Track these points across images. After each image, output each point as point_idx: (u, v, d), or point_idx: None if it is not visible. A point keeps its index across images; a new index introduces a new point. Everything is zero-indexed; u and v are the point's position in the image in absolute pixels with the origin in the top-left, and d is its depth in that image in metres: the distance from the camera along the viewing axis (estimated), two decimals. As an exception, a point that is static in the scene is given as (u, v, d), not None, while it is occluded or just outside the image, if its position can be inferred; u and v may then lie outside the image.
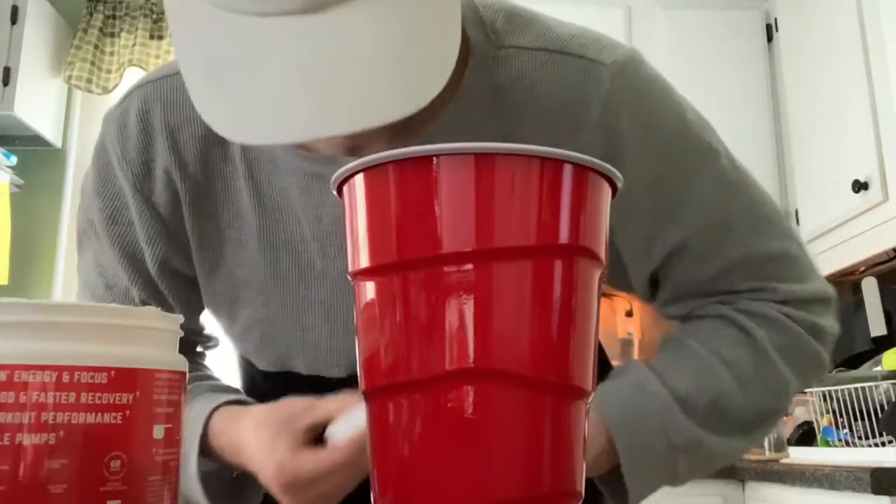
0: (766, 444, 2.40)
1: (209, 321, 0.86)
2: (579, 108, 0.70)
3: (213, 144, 0.75)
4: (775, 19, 2.86)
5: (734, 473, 2.28)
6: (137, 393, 0.44)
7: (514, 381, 0.44)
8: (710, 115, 0.79)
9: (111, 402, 0.43)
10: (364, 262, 0.47)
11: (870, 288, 2.25)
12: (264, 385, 0.82)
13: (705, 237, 0.74)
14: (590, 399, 0.48)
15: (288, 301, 0.77)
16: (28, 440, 0.41)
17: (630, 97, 0.71)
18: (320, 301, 0.76)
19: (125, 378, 0.44)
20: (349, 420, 0.62)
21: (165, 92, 0.75)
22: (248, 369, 0.85)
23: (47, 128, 2.86)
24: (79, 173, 2.98)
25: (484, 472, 0.43)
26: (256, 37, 0.52)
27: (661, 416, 0.70)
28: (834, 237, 2.48)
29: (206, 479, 0.74)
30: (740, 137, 2.79)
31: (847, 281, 2.92)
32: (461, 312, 0.43)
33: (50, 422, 0.42)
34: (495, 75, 0.70)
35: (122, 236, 0.78)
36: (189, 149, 0.75)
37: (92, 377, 0.43)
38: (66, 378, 0.42)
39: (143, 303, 0.81)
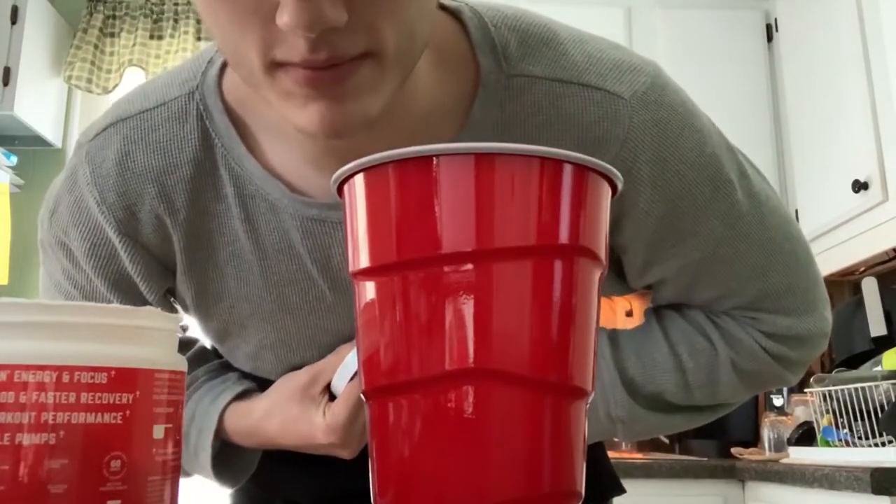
0: (766, 444, 2.40)
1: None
2: (596, 146, 0.67)
3: (205, 186, 0.70)
4: (775, 19, 2.86)
5: (734, 473, 2.28)
6: (137, 393, 0.44)
7: (514, 381, 0.44)
8: (710, 115, 0.78)
9: (111, 402, 0.43)
10: (364, 262, 0.47)
11: (870, 288, 2.25)
12: None
13: (705, 270, 0.73)
14: (590, 399, 0.48)
15: (301, 328, 0.75)
16: (28, 440, 0.41)
17: (650, 133, 0.67)
18: (334, 329, 0.75)
19: (125, 378, 0.44)
20: (343, 370, 0.72)
21: (147, 131, 0.70)
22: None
23: (47, 128, 2.87)
24: (79, 173, 2.98)
25: (484, 472, 0.43)
26: None
27: (605, 390, 0.75)
28: (834, 237, 2.48)
29: (216, 462, 0.79)
30: (740, 137, 2.79)
31: (847, 281, 2.92)
32: (461, 312, 0.43)
33: (50, 422, 0.42)
34: (505, 108, 0.66)
35: (106, 267, 0.74)
36: (179, 192, 0.70)
37: (92, 377, 0.43)
38: (66, 378, 0.42)
39: None
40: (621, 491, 0.93)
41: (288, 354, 0.77)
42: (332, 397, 0.73)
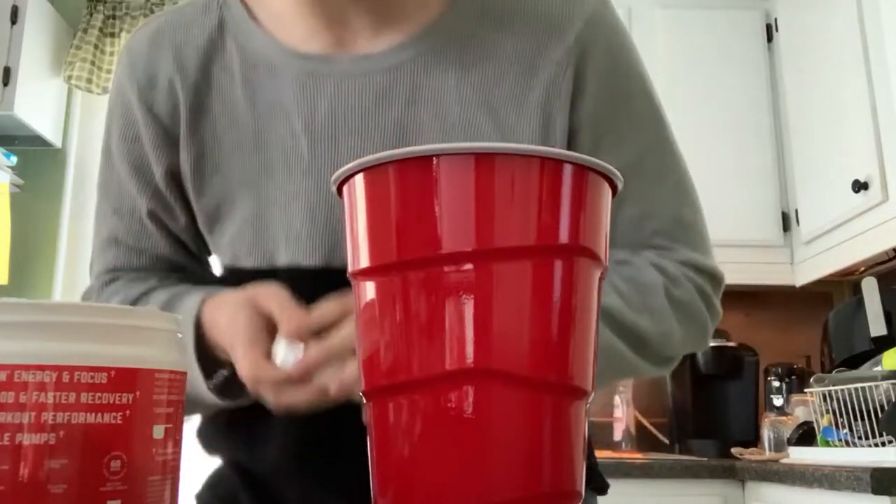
0: (766, 444, 2.40)
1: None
2: (564, 22, 0.79)
3: (214, 58, 0.83)
4: (775, 19, 2.86)
5: (734, 473, 2.28)
6: (137, 393, 0.44)
7: (514, 381, 0.44)
8: (710, 115, 0.81)
9: (111, 402, 0.43)
10: (364, 262, 0.47)
11: (870, 288, 2.25)
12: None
13: (632, 181, 0.78)
14: (590, 399, 0.48)
15: (278, 196, 0.81)
16: (28, 440, 0.41)
17: (607, 26, 0.81)
18: (305, 193, 0.79)
19: (125, 378, 0.44)
20: (287, 351, 0.65)
21: (177, 19, 0.85)
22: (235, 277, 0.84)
23: (47, 128, 2.87)
24: (79, 173, 2.98)
25: (484, 472, 0.43)
26: None
27: None
28: (834, 237, 2.48)
29: (206, 370, 0.77)
30: (740, 137, 2.81)
31: (847, 281, 2.92)
32: (461, 312, 0.43)
33: (50, 422, 0.42)
34: None
35: (131, 151, 0.85)
36: (191, 60, 0.83)
37: (92, 377, 0.43)
38: (66, 378, 0.42)
39: (150, 214, 0.87)
40: (602, 486, 0.87)
41: (263, 230, 0.81)
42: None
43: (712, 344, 2.71)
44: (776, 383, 2.71)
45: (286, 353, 0.66)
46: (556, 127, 0.79)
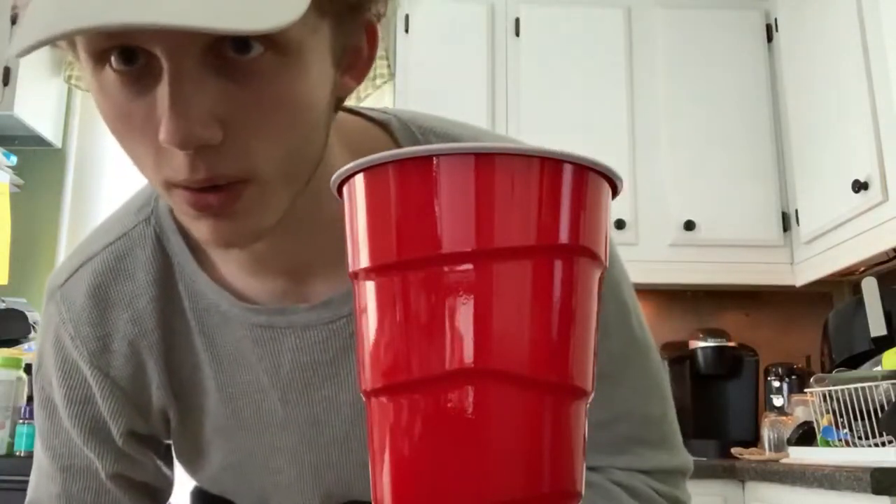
0: (766, 444, 2.41)
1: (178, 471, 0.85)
2: None
3: (168, 304, 0.74)
4: (775, 19, 2.86)
5: (734, 473, 2.28)
6: None
7: (514, 381, 0.44)
8: (710, 116, 0.80)
9: None
10: (364, 262, 0.47)
11: (870, 288, 2.26)
12: None
13: (597, 387, 0.73)
14: (590, 399, 0.48)
15: (255, 448, 0.77)
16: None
17: None
18: (287, 447, 0.76)
19: None
20: None
21: (115, 262, 0.74)
22: None
23: (47, 128, 2.87)
24: (79, 173, 2.99)
25: (484, 472, 0.43)
26: None
27: None
28: (834, 237, 2.48)
29: None
30: (740, 137, 2.81)
31: (847, 281, 2.92)
32: (461, 312, 0.43)
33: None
34: None
35: (82, 414, 0.76)
36: (149, 313, 0.73)
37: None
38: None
39: (113, 475, 0.78)
40: None
41: (245, 478, 0.78)
42: None
43: (712, 344, 2.71)
44: (776, 383, 2.72)
45: None
46: None
